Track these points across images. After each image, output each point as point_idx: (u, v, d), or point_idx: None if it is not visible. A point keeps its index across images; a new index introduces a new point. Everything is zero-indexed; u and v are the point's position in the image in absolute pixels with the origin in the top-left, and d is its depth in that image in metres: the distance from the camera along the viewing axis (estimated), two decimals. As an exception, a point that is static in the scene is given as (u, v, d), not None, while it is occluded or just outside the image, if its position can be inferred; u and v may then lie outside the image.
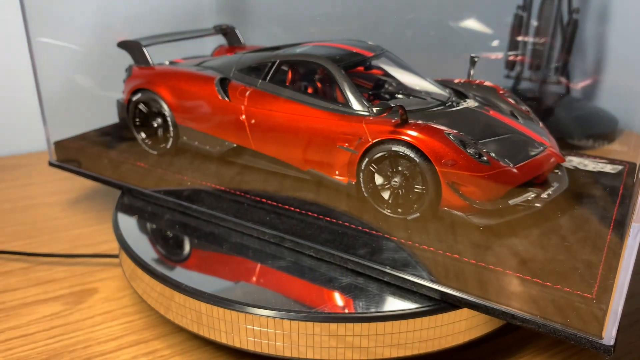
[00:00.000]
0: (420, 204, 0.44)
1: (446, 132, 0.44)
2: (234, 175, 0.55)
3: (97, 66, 0.70)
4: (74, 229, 0.66)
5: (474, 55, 0.53)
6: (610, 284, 0.36)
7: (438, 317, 0.39)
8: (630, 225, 0.33)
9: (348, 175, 0.48)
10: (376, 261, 0.43)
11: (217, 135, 0.56)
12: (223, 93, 0.54)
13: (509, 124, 0.48)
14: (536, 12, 0.73)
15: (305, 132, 0.49)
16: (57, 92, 0.69)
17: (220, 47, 0.73)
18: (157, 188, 0.57)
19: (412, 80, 0.54)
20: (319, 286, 0.43)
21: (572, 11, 0.71)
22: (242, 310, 0.40)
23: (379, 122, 0.46)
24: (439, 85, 0.53)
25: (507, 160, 0.44)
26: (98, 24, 0.68)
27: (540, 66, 0.73)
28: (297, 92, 0.51)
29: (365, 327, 0.39)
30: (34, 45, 0.65)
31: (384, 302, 0.40)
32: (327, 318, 0.39)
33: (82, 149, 0.65)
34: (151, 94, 0.59)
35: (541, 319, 0.37)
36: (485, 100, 0.52)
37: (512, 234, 0.43)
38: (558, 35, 0.71)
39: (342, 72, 0.49)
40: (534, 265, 0.39)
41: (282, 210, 0.49)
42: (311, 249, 0.45)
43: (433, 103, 0.50)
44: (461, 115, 0.48)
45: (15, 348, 0.46)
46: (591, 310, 0.35)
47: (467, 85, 0.54)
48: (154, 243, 0.50)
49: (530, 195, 0.45)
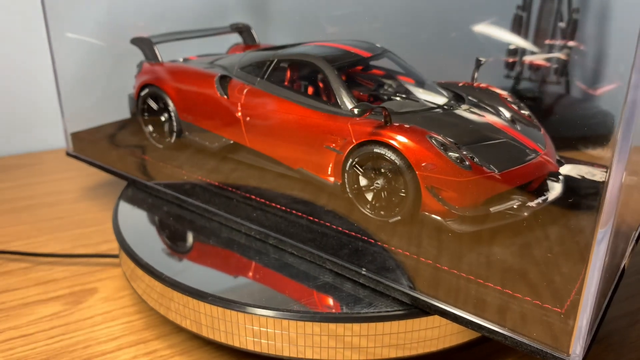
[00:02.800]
0: (402, 207, 0.44)
1: (429, 135, 0.43)
2: (228, 172, 0.56)
3: (119, 61, 0.71)
4: (74, 229, 0.66)
5: (480, 58, 0.53)
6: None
7: (436, 317, 0.39)
8: (597, 231, 0.31)
9: (334, 175, 0.48)
10: (353, 262, 0.42)
11: (216, 132, 0.57)
12: (222, 90, 0.55)
13: (502, 129, 0.47)
14: (536, 12, 0.73)
15: (296, 131, 0.50)
16: (75, 85, 0.71)
17: (236, 45, 0.74)
18: (158, 181, 0.58)
19: (411, 82, 0.54)
20: (320, 286, 0.43)
21: (572, 11, 0.71)
22: (242, 310, 0.40)
23: (363, 124, 0.45)
24: (439, 88, 0.52)
25: (492, 167, 0.43)
26: (124, 22, 0.70)
27: (539, 66, 0.73)
28: (290, 90, 0.52)
29: (364, 327, 0.39)
30: (53, 38, 0.68)
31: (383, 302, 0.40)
32: (327, 318, 0.39)
33: (96, 141, 0.69)
34: (157, 89, 0.61)
35: (509, 331, 0.36)
36: (485, 104, 0.51)
37: (492, 243, 0.41)
38: (558, 35, 0.71)
39: (334, 71, 0.49)
40: (508, 276, 0.38)
41: (269, 207, 0.50)
42: (293, 247, 0.46)
43: (426, 106, 0.49)
44: (452, 119, 0.47)
45: (15, 348, 0.46)
46: (559, 326, 0.34)
47: (469, 88, 0.53)
48: (154, 243, 0.50)
49: (515, 203, 0.43)
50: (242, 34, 0.74)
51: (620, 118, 0.28)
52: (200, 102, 0.58)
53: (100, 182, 0.79)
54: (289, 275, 0.44)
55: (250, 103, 0.53)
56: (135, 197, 0.59)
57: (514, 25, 0.61)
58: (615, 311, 0.50)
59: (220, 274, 0.45)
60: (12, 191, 0.77)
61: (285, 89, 0.52)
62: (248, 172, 0.55)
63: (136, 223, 0.54)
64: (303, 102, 0.50)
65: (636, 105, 0.28)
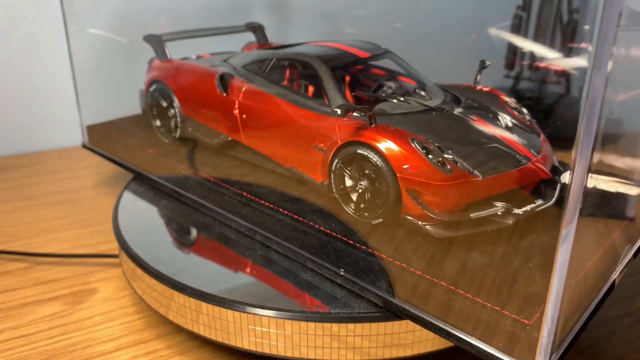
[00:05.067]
0: (385, 210, 0.43)
1: (411, 137, 0.42)
2: (225, 168, 0.57)
3: (138, 57, 0.73)
4: (74, 229, 0.66)
5: (484, 60, 0.52)
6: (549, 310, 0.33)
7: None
8: (560, 233, 0.30)
9: (322, 175, 0.48)
10: (332, 262, 0.43)
11: (215, 128, 0.58)
12: (222, 88, 0.56)
13: (494, 134, 0.46)
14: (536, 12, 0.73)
15: (288, 129, 0.50)
16: (92, 80, 0.74)
17: (250, 43, 0.74)
18: (162, 175, 0.60)
19: (411, 83, 0.53)
20: (320, 286, 0.43)
21: (572, 11, 0.71)
22: (242, 310, 0.40)
23: (349, 124, 0.45)
24: (437, 89, 0.52)
25: (476, 172, 0.41)
26: (147, 19, 0.71)
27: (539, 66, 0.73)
28: (284, 89, 0.52)
29: (366, 328, 0.39)
30: (71, 33, 0.71)
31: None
32: (327, 318, 0.39)
33: (108, 135, 0.72)
34: (164, 86, 0.63)
35: (477, 340, 0.35)
36: (484, 107, 0.51)
37: (471, 249, 0.40)
38: (558, 35, 0.71)
39: (328, 71, 0.49)
40: (482, 284, 0.37)
41: (257, 204, 0.50)
42: (277, 245, 0.47)
43: (418, 108, 0.49)
44: (442, 122, 0.46)
45: (15, 348, 0.46)
46: (526, 337, 0.33)
47: (471, 91, 0.53)
48: (154, 243, 0.50)
49: (499, 210, 0.41)
50: (255, 33, 0.75)
51: (582, 117, 0.27)
52: (201, 99, 0.59)
53: (100, 182, 0.79)
54: (289, 275, 0.44)
55: (247, 101, 0.54)
56: (136, 197, 0.59)
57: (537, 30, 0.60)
58: (615, 311, 0.50)
59: (220, 273, 0.45)
60: (12, 191, 0.77)
61: (281, 87, 0.52)
62: (246, 170, 0.56)
63: (136, 223, 0.54)
64: (296, 101, 0.50)
65: (595, 104, 0.27)
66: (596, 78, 0.27)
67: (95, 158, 0.89)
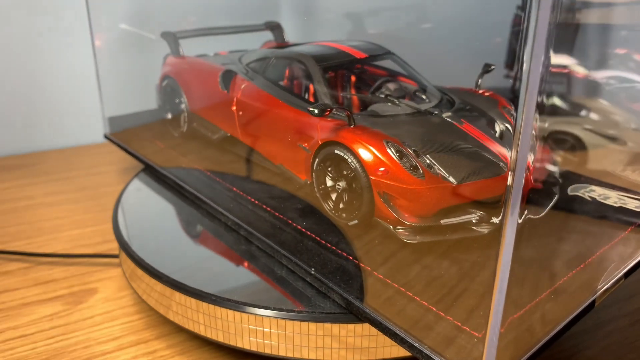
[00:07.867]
0: (359, 211, 0.43)
1: (386, 140, 0.41)
2: (223, 162, 0.59)
3: (162, 53, 0.74)
4: (74, 229, 0.66)
5: (489, 63, 0.51)
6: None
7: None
8: (502, 247, 0.28)
9: (306, 174, 0.48)
10: (303, 260, 0.43)
11: (215, 123, 0.59)
12: (224, 85, 0.57)
13: (480, 139, 0.44)
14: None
15: (278, 128, 0.50)
16: (114, 75, 0.76)
17: (268, 42, 0.75)
18: (169, 168, 0.63)
19: (409, 85, 0.53)
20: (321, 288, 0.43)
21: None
22: (242, 310, 0.40)
23: (331, 124, 0.45)
24: (434, 92, 0.52)
25: (451, 177, 0.40)
26: (177, 14, 0.71)
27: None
28: (278, 88, 0.52)
29: (366, 328, 0.39)
30: (94, 28, 0.74)
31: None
32: (328, 319, 0.39)
33: (126, 127, 0.76)
34: (173, 81, 0.65)
35: (428, 349, 0.34)
36: (479, 112, 0.50)
37: (439, 256, 0.39)
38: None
39: (320, 71, 0.49)
40: (443, 294, 0.36)
41: (243, 199, 0.51)
42: (257, 240, 0.47)
43: (407, 110, 0.48)
44: (426, 125, 0.46)
45: (15, 348, 0.46)
46: (472, 350, 0.32)
47: (470, 94, 0.52)
48: (154, 243, 0.50)
49: (473, 217, 0.40)
50: (273, 32, 0.75)
51: (522, 110, 0.27)
52: (205, 95, 0.60)
53: (101, 182, 0.79)
54: (291, 276, 0.44)
55: (243, 98, 0.54)
56: (136, 197, 0.59)
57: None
58: (615, 311, 0.50)
59: (220, 273, 0.45)
60: (12, 191, 0.77)
61: (275, 86, 0.53)
62: (237, 164, 0.57)
63: (136, 223, 0.54)
64: (287, 100, 0.51)
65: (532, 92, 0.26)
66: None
67: (95, 158, 0.89)
